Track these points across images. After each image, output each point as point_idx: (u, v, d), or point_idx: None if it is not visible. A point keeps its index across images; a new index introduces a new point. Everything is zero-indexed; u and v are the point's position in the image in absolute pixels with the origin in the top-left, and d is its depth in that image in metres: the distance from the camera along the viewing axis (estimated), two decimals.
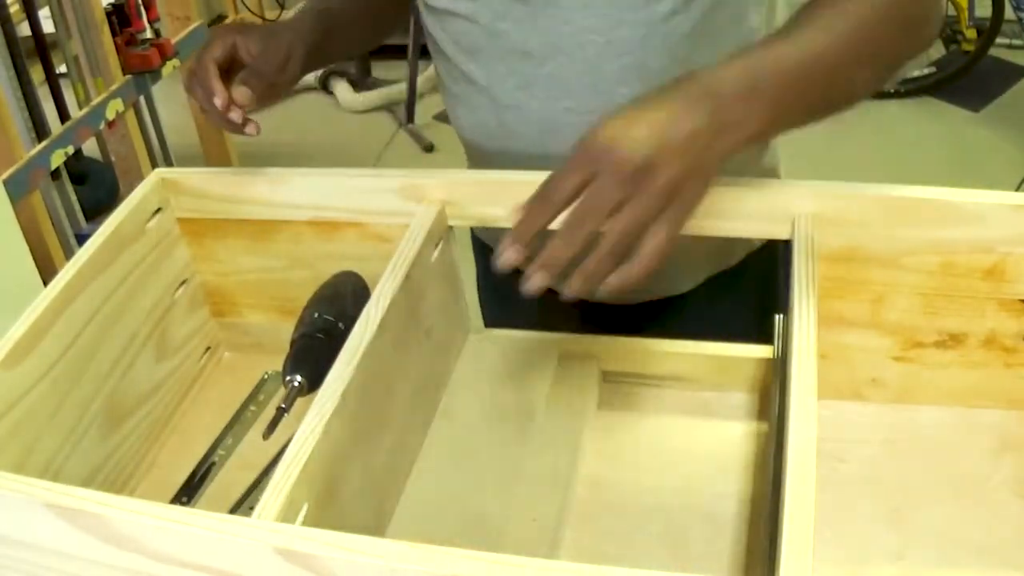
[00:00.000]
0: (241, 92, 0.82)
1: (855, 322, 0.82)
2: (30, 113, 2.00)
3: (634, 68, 0.84)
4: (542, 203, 0.63)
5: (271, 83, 0.85)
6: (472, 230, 1.10)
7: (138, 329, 0.88)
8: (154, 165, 2.36)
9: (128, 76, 2.21)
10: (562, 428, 0.85)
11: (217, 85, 0.82)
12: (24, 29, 2.08)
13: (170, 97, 2.73)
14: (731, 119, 0.64)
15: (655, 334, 0.90)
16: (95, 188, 2.45)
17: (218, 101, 0.82)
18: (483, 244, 1.12)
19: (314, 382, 0.79)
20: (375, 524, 0.76)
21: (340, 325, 0.83)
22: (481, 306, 1.17)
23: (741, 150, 0.65)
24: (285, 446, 0.64)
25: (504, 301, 0.99)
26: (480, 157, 0.98)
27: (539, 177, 0.64)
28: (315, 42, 0.89)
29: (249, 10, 4.06)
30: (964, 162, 3.00)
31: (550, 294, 0.63)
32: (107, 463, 0.84)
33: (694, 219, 0.64)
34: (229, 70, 0.85)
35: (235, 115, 0.83)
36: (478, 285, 1.18)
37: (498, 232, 1.04)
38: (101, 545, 0.57)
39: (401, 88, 3.48)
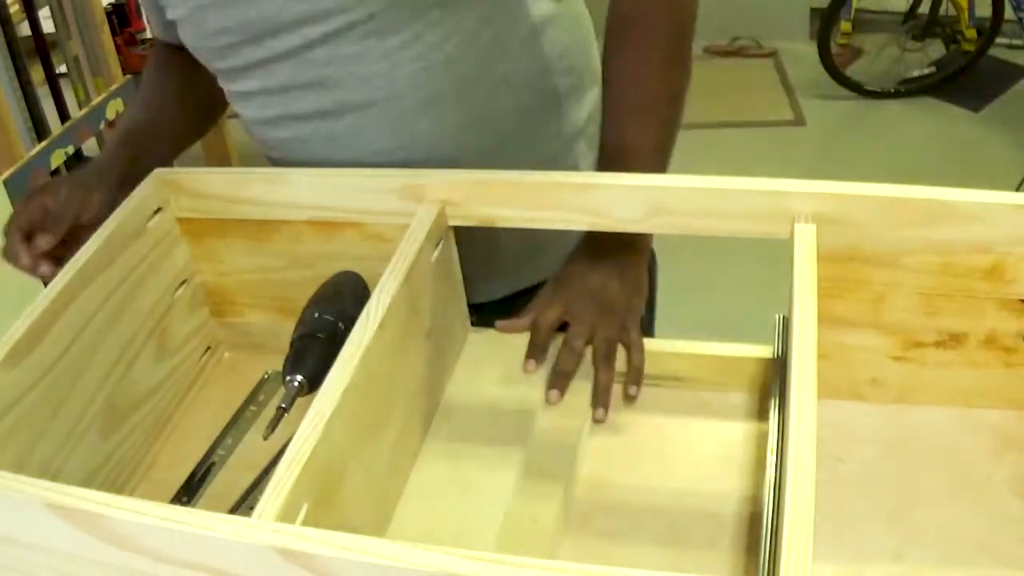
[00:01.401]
0: (43, 240, 0.88)
1: (855, 322, 0.82)
2: (30, 113, 2.00)
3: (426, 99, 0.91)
4: (536, 338, 0.91)
5: (75, 225, 0.90)
6: None
7: (138, 329, 0.88)
8: None
9: (128, 76, 2.22)
10: (562, 428, 0.85)
11: (20, 250, 0.89)
12: (24, 29, 2.08)
13: None
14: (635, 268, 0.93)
15: None
16: None
17: (24, 262, 0.89)
18: None
19: (314, 382, 0.79)
20: (375, 524, 0.76)
21: (340, 325, 0.83)
22: None
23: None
24: (285, 446, 0.64)
25: None
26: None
27: (539, 177, 0.76)
28: (121, 173, 0.94)
29: None
30: (964, 162, 3.00)
31: None
32: (107, 463, 0.84)
33: (696, 220, 0.79)
34: (45, 226, 0.90)
35: (44, 268, 0.88)
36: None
37: None
38: (101, 545, 0.57)
39: None
